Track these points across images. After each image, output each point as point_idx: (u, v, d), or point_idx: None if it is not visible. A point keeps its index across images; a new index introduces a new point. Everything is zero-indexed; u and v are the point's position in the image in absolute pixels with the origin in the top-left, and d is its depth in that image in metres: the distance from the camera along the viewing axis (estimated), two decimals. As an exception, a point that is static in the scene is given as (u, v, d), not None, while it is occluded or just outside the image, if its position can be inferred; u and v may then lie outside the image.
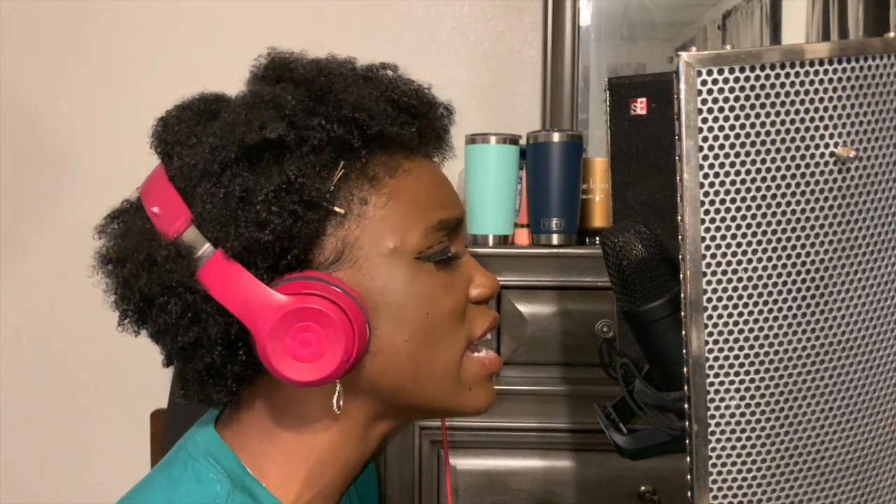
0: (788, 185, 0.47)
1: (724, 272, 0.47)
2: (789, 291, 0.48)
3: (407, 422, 0.67)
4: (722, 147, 0.46)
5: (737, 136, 0.46)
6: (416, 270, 0.60)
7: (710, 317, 0.47)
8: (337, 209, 0.58)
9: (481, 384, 0.64)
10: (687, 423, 0.48)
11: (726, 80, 0.45)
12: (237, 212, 0.55)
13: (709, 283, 0.47)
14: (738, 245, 0.47)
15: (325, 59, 0.63)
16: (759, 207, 0.47)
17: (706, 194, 0.46)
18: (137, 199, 0.61)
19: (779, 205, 0.47)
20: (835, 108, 0.47)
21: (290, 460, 0.61)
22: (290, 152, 0.56)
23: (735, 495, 0.49)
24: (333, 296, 0.55)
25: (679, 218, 0.47)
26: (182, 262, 0.56)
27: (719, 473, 0.49)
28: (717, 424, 0.48)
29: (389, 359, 0.59)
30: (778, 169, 0.47)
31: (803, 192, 0.47)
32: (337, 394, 0.58)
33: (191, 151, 0.58)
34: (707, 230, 0.47)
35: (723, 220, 0.47)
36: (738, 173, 0.46)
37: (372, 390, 0.60)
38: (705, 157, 0.46)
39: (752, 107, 0.46)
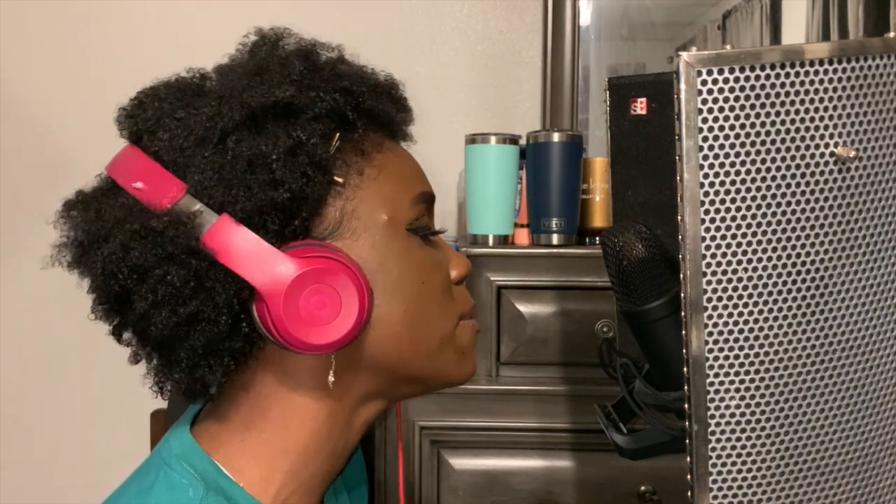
0: (788, 185, 0.47)
1: (724, 272, 0.47)
2: (789, 291, 0.48)
3: (394, 400, 0.67)
4: (722, 147, 0.46)
5: (737, 136, 0.46)
6: (408, 243, 0.62)
7: (710, 317, 0.47)
8: (337, 178, 0.59)
9: (470, 351, 0.66)
10: (687, 423, 0.48)
11: (726, 80, 0.45)
12: (246, 175, 0.55)
13: (709, 283, 0.47)
14: (738, 245, 0.47)
15: (311, 39, 0.65)
16: (759, 207, 0.47)
17: (706, 194, 0.46)
18: (105, 182, 0.60)
19: (779, 205, 0.47)
20: (835, 108, 0.47)
21: (272, 454, 0.60)
22: (295, 117, 0.57)
23: (735, 495, 0.49)
24: (343, 259, 0.56)
25: (679, 218, 0.47)
26: (183, 229, 0.54)
27: (719, 473, 0.49)
28: (717, 424, 0.48)
29: (387, 330, 0.60)
30: (778, 169, 0.47)
31: (803, 192, 0.47)
32: (332, 366, 0.58)
33: (179, 124, 0.57)
34: (707, 230, 0.47)
35: (723, 220, 0.47)
36: (738, 173, 0.46)
37: (368, 363, 0.60)
38: (705, 157, 0.46)
39: (752, 107, 0.46)
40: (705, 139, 0.46)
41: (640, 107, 0.72)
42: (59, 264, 0.59)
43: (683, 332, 0.48)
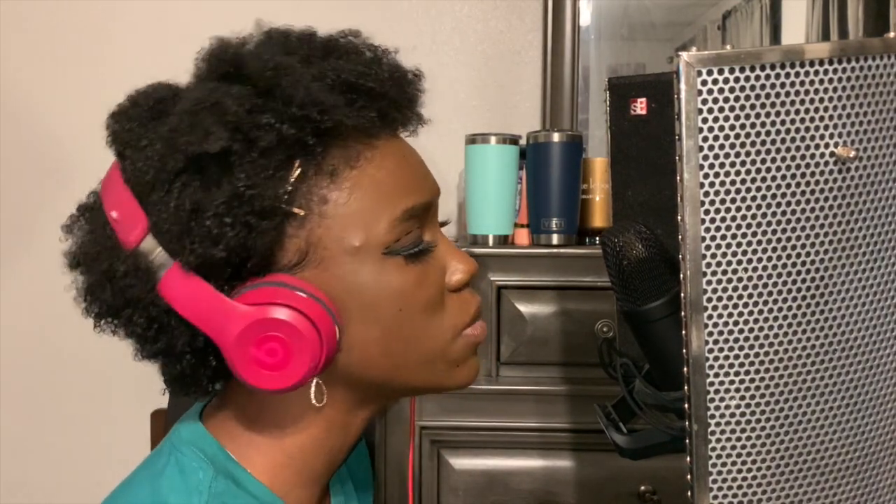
0: (788, 185, 0.47)
1: (724, 272, 0.47)
2: (789, 291, 0.48)
3: (392, 403, 0.67)
4: (722, 147, 0.46)
5: (737, 136, 0.46)
6: (383, 267, 0.58)
7: (710, 317, 0.47)
8: (296, 210, 0.56)
9: (467, 360, 0.63)
10: (687, 423, 0.48)
11: (726, 80, 0.45)
12: (190, 224, 0.54)
13: (709, 283, 0.47)
14: (738, 245, 0.47)
15: (275, 41, 0.61)
16: (759, 207, 0.47)
17: (706, 194, 0.46)
18: (98, 198, 0.59)
19: (779, 205, 0.47)
20: (835, 108, 0.47)
21: (274, 450, 0.61)
22: (239, 158, 0.54)
23: (735, 495, 0.49)
24: (297, 302, 0.54)
25: (679, 218, 0.47)
26: (141, 276, 0.54)
27: (719, 473, 0.49)
28: (717, 424, 0.48)
29: (363, 354, 0.59)
30: (778, 169, 0.47)
31: (803, 192, 0.47)
32: (313, 389, 0.58)
33: (141, 155, 0.55)
34: (707, 230, 0.47)
35: (723, 220, 0.47)
36: (738, 173, 0.46)
37: (351, 381, 0.60)
38: (705, 157, 0.46)
39: (752, 107, 0.46)
40: (705, 139, 0.46)
41: (640, 107, 0.72)
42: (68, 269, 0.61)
43: (683, 332, 0.48)
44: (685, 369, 0.48)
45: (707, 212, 0.46)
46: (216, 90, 0.56)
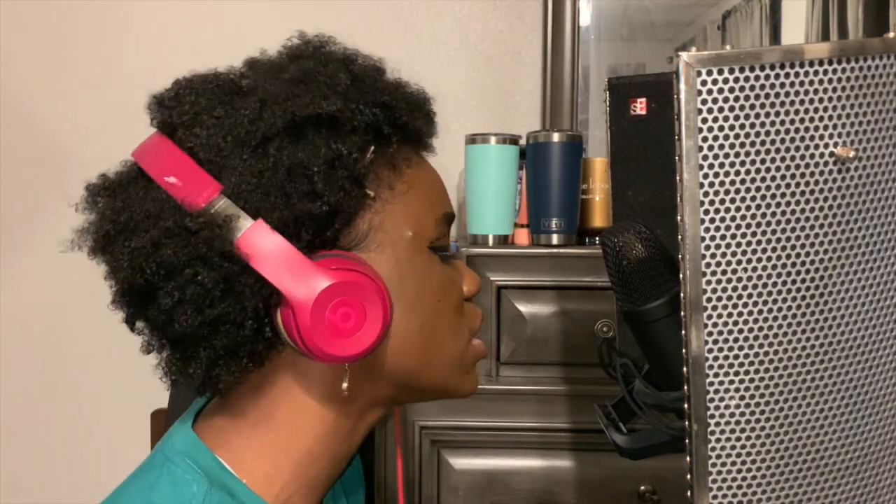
0: (788, 185, 0.47)
1: (724, 272, 0.47)
2: (789, 291, 0.48)
3: (396, 405, 0.68)
4: (722, 147, 0.46)
5: (736, 136, 0.46)
6: (429, 260, 0.62)
7: (709, 317, 0.47)
8: (368, 191, 0.59)
9: (472, 369, 0.68)
10: (687, 423, 0.48)
11: (726, 81, 0.45)
12: (285, 183, 0.55)
13: (709, 283, 0.47)
14: (738, 245, 0.47)
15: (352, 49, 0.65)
16: (758, 207, 0.47)
17: (706, 194, 0.46)
18: (132, 169, 0.59)
19: (779, 205, 0.47)
20: (835, 108, 0.47)
21: (277, 454, 0.60)
22: (336, 129, 0.57)
23: (735, 495, 0.49)
24: (370, 272, 0.56)
25: (679, 218, 0.47)
26: (219, 231, 0.54)
27: (719, 473, 0.49)
28: (717, 424, 0.48)
29: (402, 343, 0.60)
30: (778, 169, 0.47)
31: (803, 192, 0.47)
32: (347, 375, 0.58)
33: (217, 122, 0.57)
34: (707, 230, 0.47)
35: (723, 220, 0.47)
36: (737, 173, 0.46)
37: (380, 373, 0.61)
38: (705, 157, 0.46)
39: (752, 107, 0.46)
40: (705, 139, 0.46)
41: (640, 107, 0.72)
42: (78, 250, 0.59)
43: (683, 332, 0.48)
44: (685, 369, 0.48)
45: (707, 212, 0.46)
46: (325, 68, 0.60)
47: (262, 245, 0.54)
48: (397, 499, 1.07)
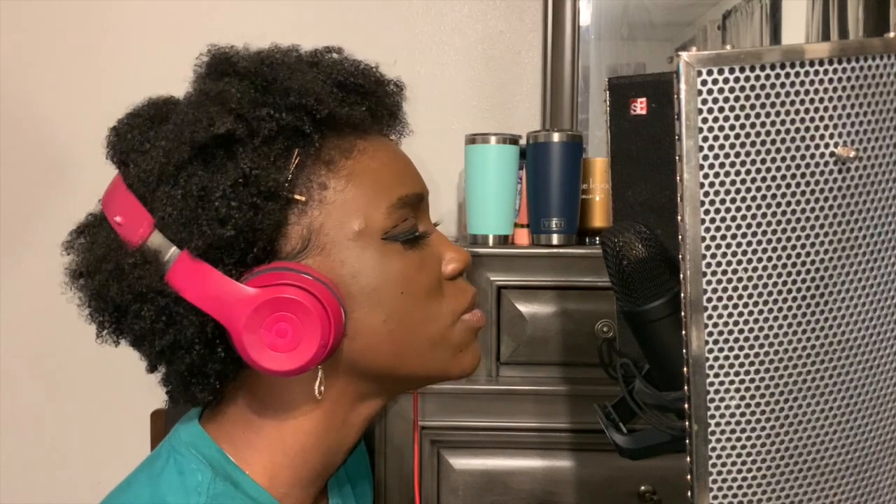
0: (788, 185, 0.47)
1: (724, 272, 0.47)
2: (789, 291, 0.48)
3: (393, 397, 0.68)
4: (722, 147, 0.46)
5: (737, 136, 0.46)
6: (384, 251, 0.60)
7: (710, 317, 0.47)
8: (297, 197, 0.58)
9: (469, 346, 0.65)
10: (687, 423, 0.48)
11: (726, 80, 0.45)
12: (197, 211, 0.55)
13: (709, 283, 0.47)
14: (738, 245, 0.47)
15: (268, 50, 0.63)
16: (759, 207, 0.47)
17: (706, 194, 0.46)
18: (101, 212, 0.61)
19: (779, 205, 0.47)
20: (835, 108, 0.47)
21: (273, 450, 0.61)
22: (241, 145, 0.57)
23: (735, 495, 0.49)
24: (304, 283, 0.56)
25: (679, 218, 0.47)
26: (149, 268, 0.56)
27: (719, 473, 0.49)
28: (717, 424, 0.48)
29: (369, 340, 0.60)
30: (778, 169, 0.47)
31: (803, 192, 0.47)
32: (318, 379, 0.58)
33: (146, 157, 0.58)
34: (707, 230, 0.47)
35: (723, 220, 0.47)
36: (738, 173, 0.46)
37: (354, 371, 0.61)
38: (705, 157, 0.46)
39: (752, 107, 0.46)
40: (705, 139, 0.46)
41: (640, 107, 0.72)
42: (70, 289, 0.62)
43: (683, 332, 0.48)
44: (685, 369, 0.48)
45: (707, 212, 0.46)
46: (217, 85, 0.59)
47: (189, 275, 0.56)
48: (397, 499, 1.08)
